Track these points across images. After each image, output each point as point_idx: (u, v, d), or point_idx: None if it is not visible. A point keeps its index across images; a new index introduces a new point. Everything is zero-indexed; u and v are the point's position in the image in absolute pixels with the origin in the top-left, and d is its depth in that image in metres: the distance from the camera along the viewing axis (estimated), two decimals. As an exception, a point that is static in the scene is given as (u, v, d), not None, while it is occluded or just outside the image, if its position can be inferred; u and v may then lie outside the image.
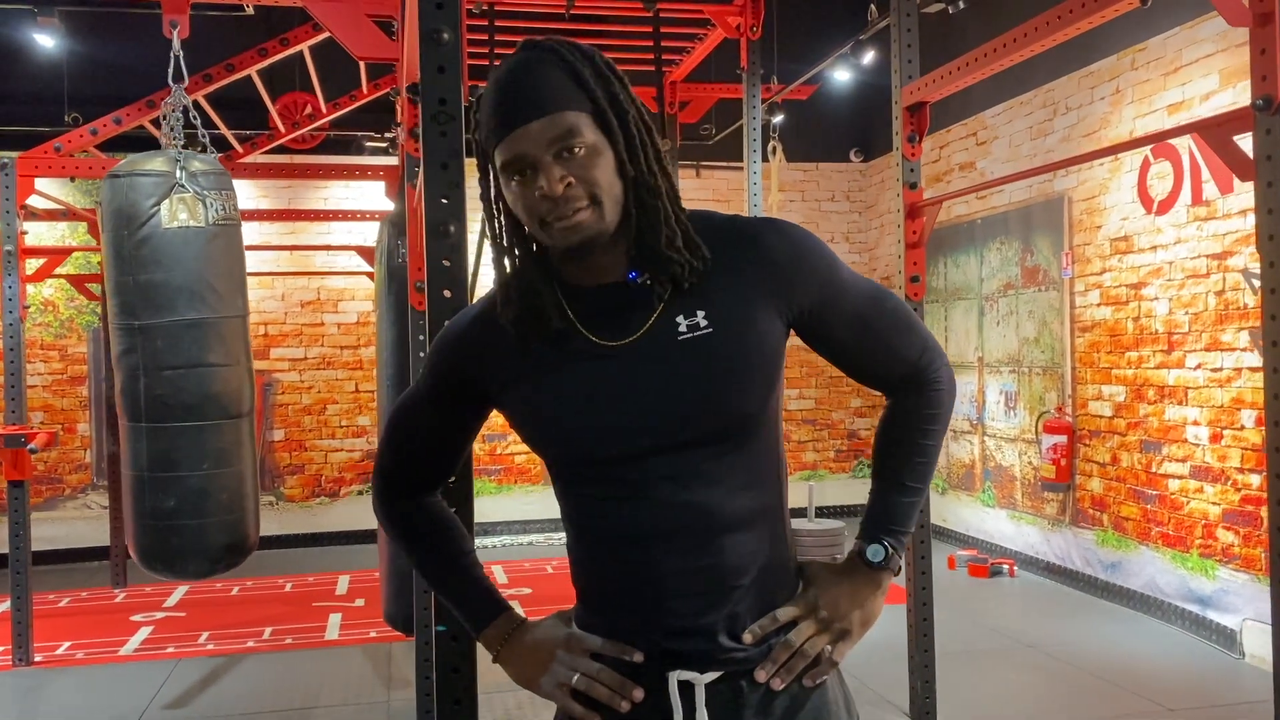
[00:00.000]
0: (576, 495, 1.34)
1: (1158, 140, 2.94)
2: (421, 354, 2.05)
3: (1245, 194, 4.22)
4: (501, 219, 1.32)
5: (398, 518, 1.50)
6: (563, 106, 1.21)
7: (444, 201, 1.91)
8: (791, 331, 1.34)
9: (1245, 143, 2.34)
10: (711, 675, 1.27)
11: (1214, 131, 2.37)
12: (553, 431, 1.32)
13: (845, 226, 8.30)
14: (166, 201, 3.11)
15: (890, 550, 1.35)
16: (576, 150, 1.20)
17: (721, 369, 1.24)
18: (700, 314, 1.26)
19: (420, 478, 1.49)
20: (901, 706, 3.87)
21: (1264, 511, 4.32)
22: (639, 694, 1.28)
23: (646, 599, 1.27)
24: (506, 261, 1.33)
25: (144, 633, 5.21)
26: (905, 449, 1.38)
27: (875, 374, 1.39)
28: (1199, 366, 4.73)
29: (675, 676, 1.27)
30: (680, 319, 1.26)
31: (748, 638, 1.27)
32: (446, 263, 1.93)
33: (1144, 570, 5.12)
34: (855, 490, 8.10)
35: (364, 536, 7.07)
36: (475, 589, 1.44)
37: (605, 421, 1.26)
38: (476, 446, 7.72)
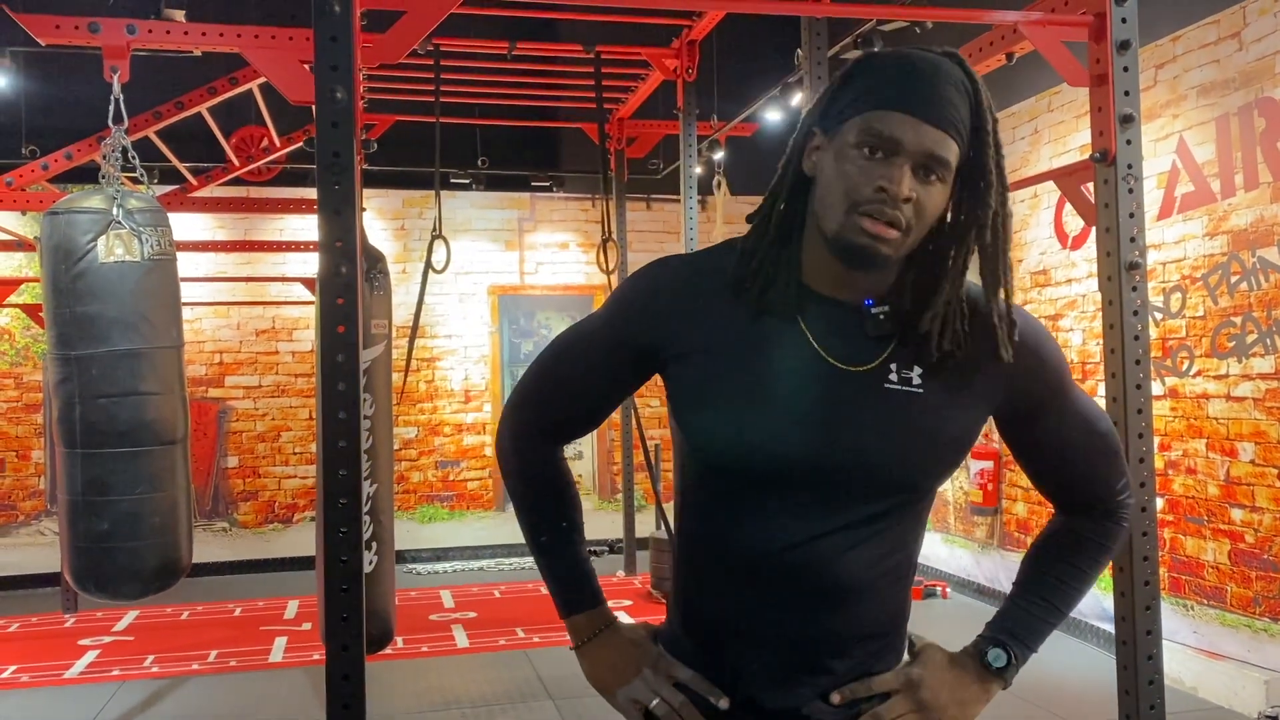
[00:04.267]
0: (711, 505, 1.24)
1: (1026, 185, 3.16)
2: (340, 385, 2.22)
3: (1151, 231, 4.46)
4: (794, 183, 1.23)
5: (527, 462, 1.38)
6: (953, 134, 1.14)
7: (338, 245, 2.10)
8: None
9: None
10: None
11: (1066, 180, 2.58)
12: (729, 420, 1.19)
13: (792, 258, 8.54)
14: (103, 237, 3.25)
15: (1012, 660, 1.27)
16: (933, 178, 1.14)
17: (916, 433, 1.18)
18: (917, 371, 1.18)
19: (565, 422, 1.37)
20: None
21: (1167, 533, 4.53)
22: None
23: (746, 640, 1.22)
24: (772, 212, 1.23)
25: (90, 656, 5.29)
26: (1066, 570, 1.30)
27: (1066, 491, 1.32)
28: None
29: None
30: (895, 366, 1.18)
31: (836, 698, 1.21)
32: (340, 301, 2.11)
33: (1063, 591, 5.31)
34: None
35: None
36: (578, 570, 1.36)
37: (785, 433, 1.17)
38: (429, 472, 7.86)
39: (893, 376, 1.18)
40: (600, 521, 8.00)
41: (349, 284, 2.08)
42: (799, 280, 1.21)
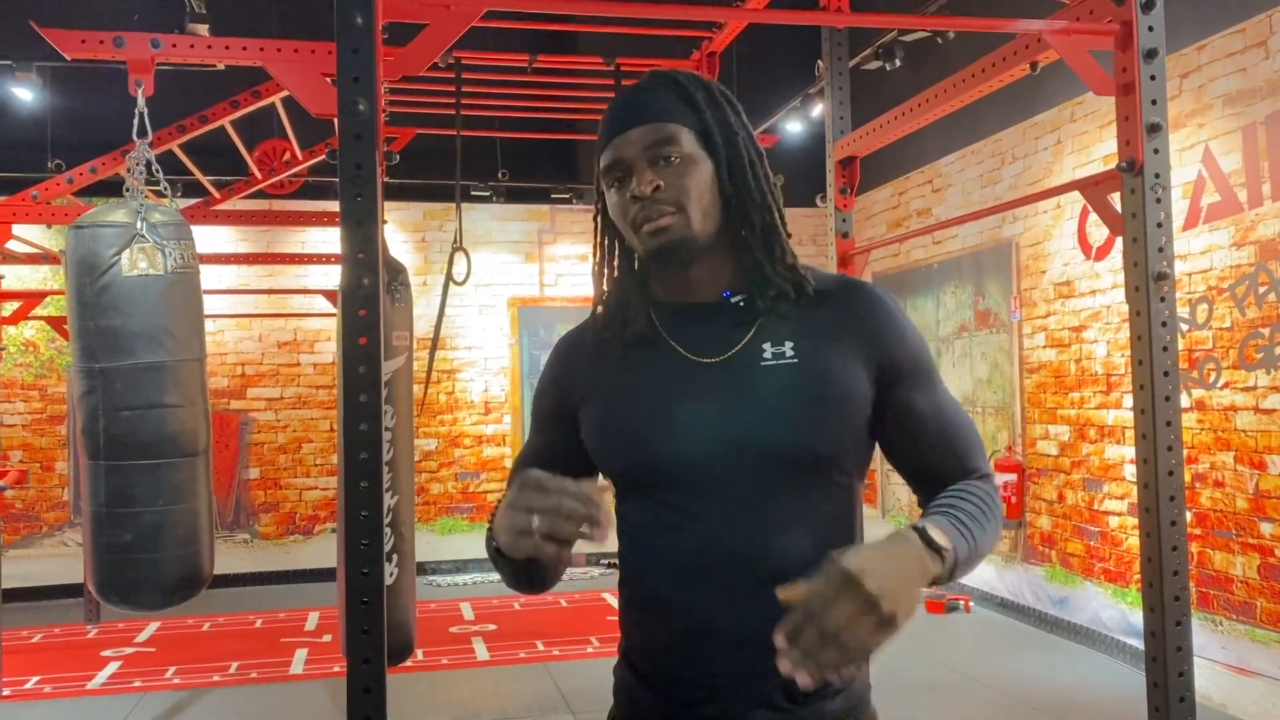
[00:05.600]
0: (632, 519, 1.28)
1: (1048, 196, 3.14)
2: (362, 397, 2.22)
3: (1176, 241, 4.42)
4: (606, 237, 1.36)
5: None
6: (665, 119, 1.25)
7: (360, 257, 2.09)
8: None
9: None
10: None
11: (1092, 190, 2.56)
12: (620, 436, 1.28)
13: (813, 269, 8.51)
14: (127, 251, 3.26)
15: (939, 545, 1.10)
16: (672, 159, 1.24)
17: (801, 400, 1.21)
18: (789, 344, 1.24)
19: None
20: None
21: (1195, 547, 4.47)
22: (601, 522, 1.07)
23: (690, 649, 1.22)
24: (605, 273, 1.36)
25: (112, 667, 5.31)
26: (959, 496, 1.21)
27: (940, 471, 1.27)
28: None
29: None
30: (767, 345, 1.24)
31: (780, 640, 1.00)
32: (363, 313, 2.11)
33: (1088, 605, 5.26)
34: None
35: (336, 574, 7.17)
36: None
37: (675, 429, 1.23)
38: (449, 484, 7.86)
39: (767, 354, 1.24)
40: (620, 534, 7.98)
41: (371, 296, 2.08)
42: (654, 301, 1.32)
